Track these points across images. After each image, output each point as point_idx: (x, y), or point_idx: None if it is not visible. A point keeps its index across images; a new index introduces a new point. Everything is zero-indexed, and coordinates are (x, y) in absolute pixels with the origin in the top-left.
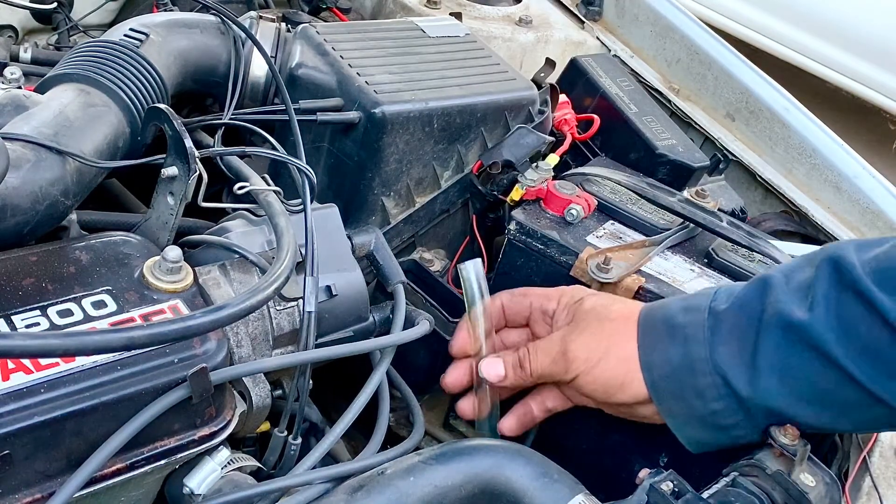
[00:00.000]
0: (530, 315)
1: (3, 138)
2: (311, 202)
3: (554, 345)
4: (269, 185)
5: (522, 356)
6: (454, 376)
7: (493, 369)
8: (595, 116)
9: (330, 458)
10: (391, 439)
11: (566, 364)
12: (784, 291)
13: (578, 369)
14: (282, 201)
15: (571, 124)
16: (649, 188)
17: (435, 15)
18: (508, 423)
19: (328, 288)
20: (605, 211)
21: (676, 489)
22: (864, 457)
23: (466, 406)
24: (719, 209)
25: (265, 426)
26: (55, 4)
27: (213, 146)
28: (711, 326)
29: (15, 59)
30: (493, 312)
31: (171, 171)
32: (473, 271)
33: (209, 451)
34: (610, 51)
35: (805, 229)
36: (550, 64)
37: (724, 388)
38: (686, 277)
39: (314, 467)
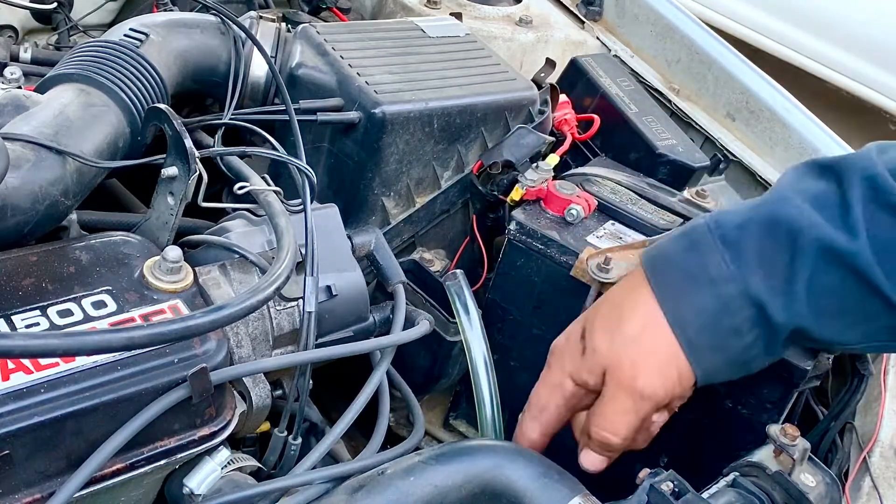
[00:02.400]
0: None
1: (3, 138)
2: (311, 202)
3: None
4: (269, 185)
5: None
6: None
7: (592, 464)
8: (595, 116)
9: (330, 458)
10: (391, 439)
11: (636, 407)
12: (807, 208)
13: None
14: (282, 201)
15: (571, 124)
16: (649, 188)
17: (435, 15)
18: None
19: (328, 288)
20: (605, 211)
21: (676, 489)
22: (864, 457)
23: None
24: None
25: (265, 426)
26: (55, 4)
27: (213, 146)
28: (734, 257)
29: (15, 59)
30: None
31: (171, 171)
32: (462, 286)
33: (209, 452)
34: (610, 51)
35: None
36: (550, 64)
37: (759, 318)
38: None
39: (314, 467)
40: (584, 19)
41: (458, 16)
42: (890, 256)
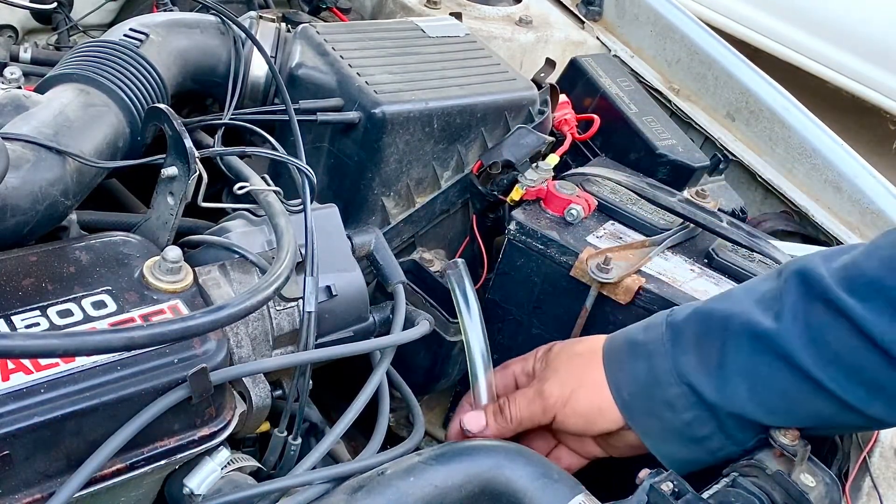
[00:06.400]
0: (516, 382)
1: (3, 138)
2: (311, 202)
3: (530, 389)
4: (269, 185)
5: (502, 403)
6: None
7: (476, 421)
8: (595, 116)
9: (330, 458)
10: (391, 439)
11: (542, 403)
12: (748, 302)
13: (554, 406)
14: (282, 201)
15: (571, 124)
16: (649, 188)
17: (435, 15)
18: None
19: (328, 288)
20: (605, 211)
21: (676, 489)
22: (864, 457)
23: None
24: (719, 209)
25: (265, 426)
26: (55, 4)
27: (213, 146)
28: (672, 338)
29: (15, 59)
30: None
31: (171, 171)
32: (463, 275)
33: (209, 452)
34: (610, 51)
35: (805, 229)
36: (550, 64)
37: (693, 397)
38: (686, 277)
39: (314, 467)
40: (584, 19)
41: (458, 16)
42: (819, 342)
